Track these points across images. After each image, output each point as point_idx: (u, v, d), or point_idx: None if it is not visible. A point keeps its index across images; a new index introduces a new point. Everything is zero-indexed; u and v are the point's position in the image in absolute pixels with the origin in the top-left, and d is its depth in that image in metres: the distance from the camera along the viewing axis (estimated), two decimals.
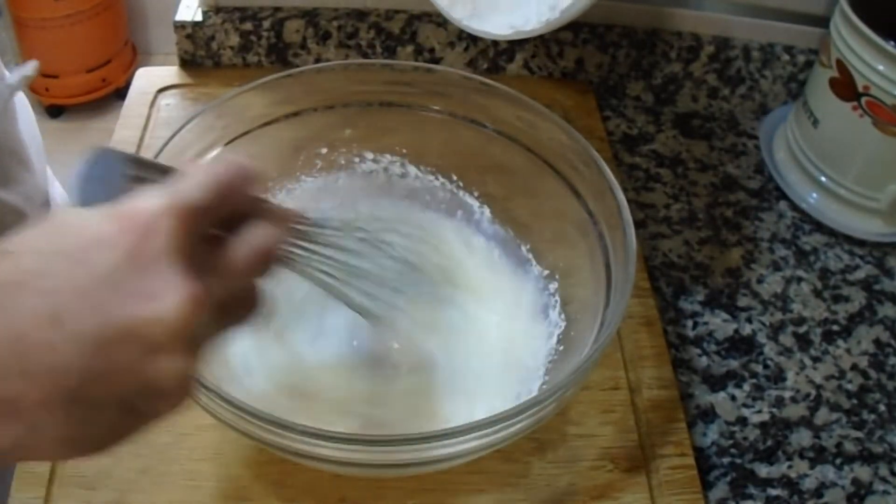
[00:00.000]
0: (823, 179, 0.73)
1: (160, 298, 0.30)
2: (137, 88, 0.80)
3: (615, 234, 0.53)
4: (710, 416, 0.60)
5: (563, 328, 0.58)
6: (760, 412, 0.61)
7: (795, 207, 0.75)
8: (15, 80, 0.71)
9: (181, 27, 0.81)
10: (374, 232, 0.50)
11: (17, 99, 0.74)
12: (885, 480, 0.58)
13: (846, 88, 0.68)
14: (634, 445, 0.57)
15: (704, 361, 0.63)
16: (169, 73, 0.82)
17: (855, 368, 0.64)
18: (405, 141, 0.66)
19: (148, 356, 0.30)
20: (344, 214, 0.65)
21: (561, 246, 0.61)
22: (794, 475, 0.58)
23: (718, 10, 0.81)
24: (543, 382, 0.55)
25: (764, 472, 0.58)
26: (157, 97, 0.79)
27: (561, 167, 0.59)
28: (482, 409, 0.55)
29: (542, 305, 0.61)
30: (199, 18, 0.80)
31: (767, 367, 0.64)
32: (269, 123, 0.61)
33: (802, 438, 0.60)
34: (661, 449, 0.57)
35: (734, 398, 0.61)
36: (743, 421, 0.60)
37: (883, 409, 0.62)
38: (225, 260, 0.34)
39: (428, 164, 0.67)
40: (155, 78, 0.81)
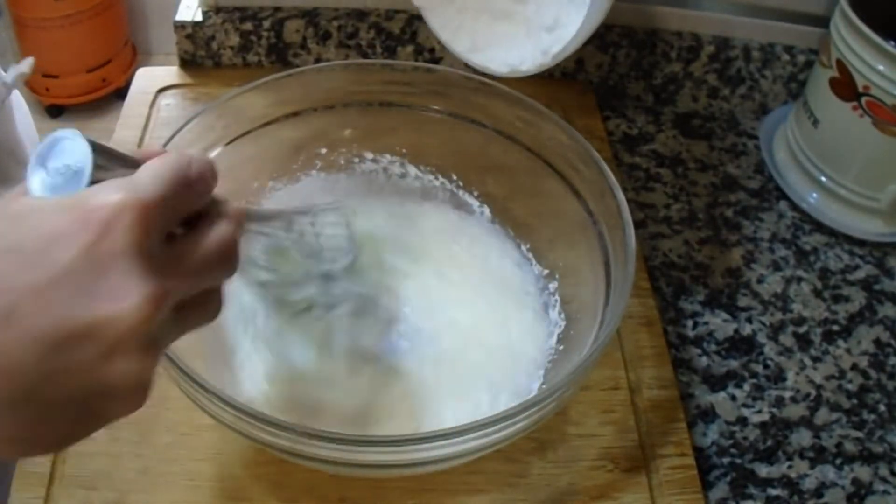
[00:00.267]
0: (823, 179, 0.73)
1: (117, 298, 0.29)
2: (137, 88, 0.80)
3: (615, 233, 0.53)
4: (710, 416, 0.60)
5: (562, 328, 0.58)
6: (760, 412, 0.61)
7: (795, 207, 0.75)
8: (12, 77, 0.71)
9: (181, 27, 0.81)
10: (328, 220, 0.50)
11: (13, 97, 0.74)
12: (885, 480, 0.58)
13: (846, 88, 0.68)
14: (634, 445, 0.57)
15: (704, 361, 0.63)
16: (169, 73, 0.82)
17: (855, 368, 0.64)
18: (405, 141, 0.66)
19: (104, 357, 0.29)
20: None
21: (561, 246, 0.61)
22: (794, 475, 0.58)
23: (718, 10, 0.81)
24: (543, 382, 0.55)
25: (764, 472, 0.58)
26: (157, 97, 0.79)
27: (561, 167, 0.59)
28: (482, 409, 0.55)
29: (542, 305, 0.61)
30: (199, 18, 0.80)
31: (767, 367, 0.64)
32: (269, 123, 0.61)
33: (802, 438, 0.60)
34: (661, 449, 0.57)
35: (734, 398, 0.61)
36: (743, 421, 0.60)
37: (883, 409, 0.62)
38: (184, 258, 0.33)
39: (428, 164, 0.67)
40: (155, 78, 0.81)
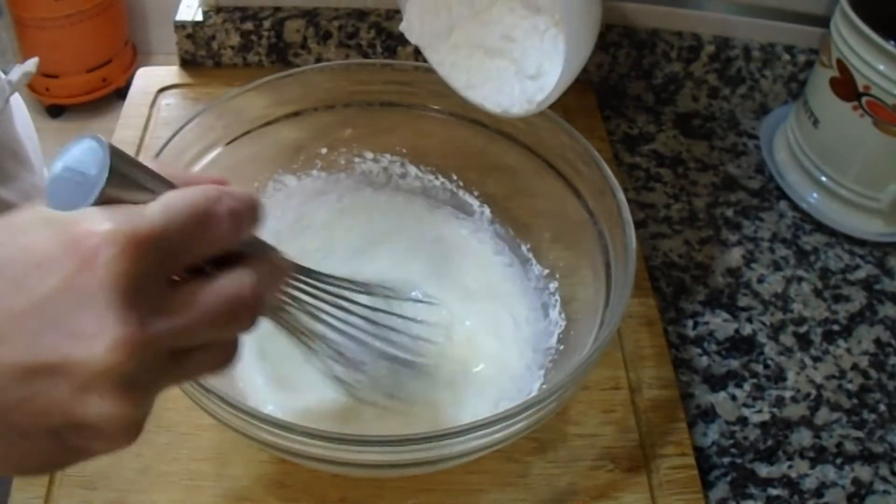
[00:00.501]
0: (824, 179, 0.73)
1: (89, 339, 0.28)
2: (138, 88, 0.80)
3: (615, 233, 0.53)
4: (710, 415, 0.60)
5: (563, 327, 0.58)
6: (761, 412, 0.61)
7: (796, 207, 0.75)
8: (17, 76, 0.71)
9: (182, 27, 0.81)
10: (369, 295, 0.49)
11: (12, 98, 0.74)
12: (885, 480, 0.58)
13: (847, 88, 0.68)
14: (635, 445, 0.57)
15: (705, 361, 0.63)
16: (169, 72, 0.82)
17: (855, 368, 0.64)
18: (405, 141, 0.66)
19: (76, 393, 0.28)
20: (338, 242, 0.64)
21: (561, 245, 0.61)
22: (794, 475, 0.58)
23: (719, 9, 0.81)
24: (543, 382, 0.55)
25: (764, 471, 0.58)
26: (157, 97, 0.79)
27: (561, 167, 0.59)
28: (482, 409, 0.55)
29: (542, 305, 0.61)
30: (199, 18, 0.80)
31: (768, 366, 0.64)
32: (269, 123, 0.61)
33: (803, 438, 0.59)
34: (661, 449, 0.56)
35: (735, 398, 0.61)
36: (743, 421, 0.60)
37: (883, 408, 0.62)
38: (185, 305, 0.31)
39: (428, 163, 0.67)
40: (155, 78, 0.81)
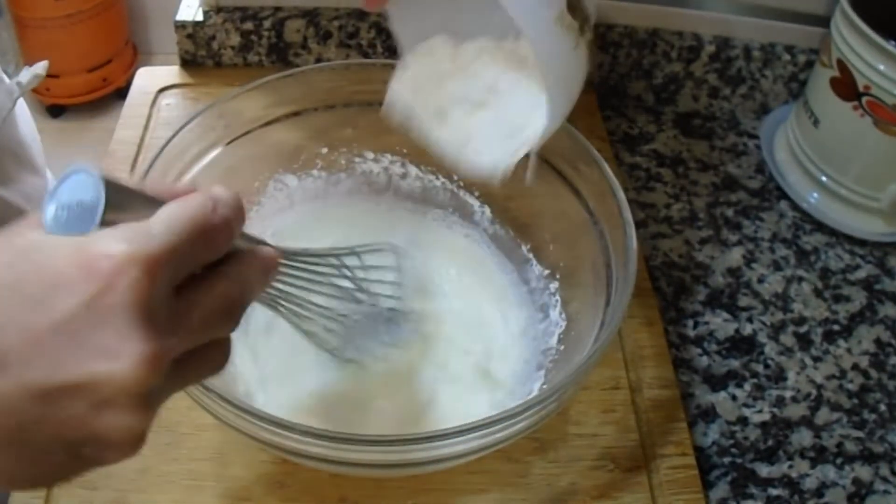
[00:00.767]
0: (824, 179, 0.73)
1: (114, 356, 0.28)
2: (138, 88, 0.80)
3: (616, 233, 0.53)
4: (710, 415, 0.60)
5: (563, 328, 0.58)
6: (761, 412, 0.61)
7: (796, 207, 0.75)
8: (26, 78, 0.71)
9: (182, 27, 0.81)
10: (354, 265, 0.49)
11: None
12: (885, 480, 0.58)
13: (847, 88, 0.68)
14: (635, 445, 0.57)
15: (705, 361, 0.63)
16: (170, 72, 0.82)
17: (856, 368, 0.64)
18: (406, 140, 0.66)
19: (95, 410, 0.29)
20: (329, 241, 0.64)
21: (561, 246, 0.61)
22: (794, 475, 0.58)
23: (719, 9, 0.81)
24: (544, 382, 0.55)
25: (765, 471, 0.58)
26: (157, 97, 0.79)
27: (561, 167, 0.59)
28: (482, 409, 0.55)
29: (542, 305, 0.61)
30: (199, 18, 0.80)
31: (768, 366, 0.64)
32: (269, 123, 0.61)
33: (803, 438, 0.59)
34: (661, 449, 0.56)
35: (735, 398, 0.61)
36: (744, 421, 0.60)
37: (884, 408, 0.62)
38: (186, 315, 0.32)
39: (428, 163, 0.66)
40: (156, 78, 0.81)
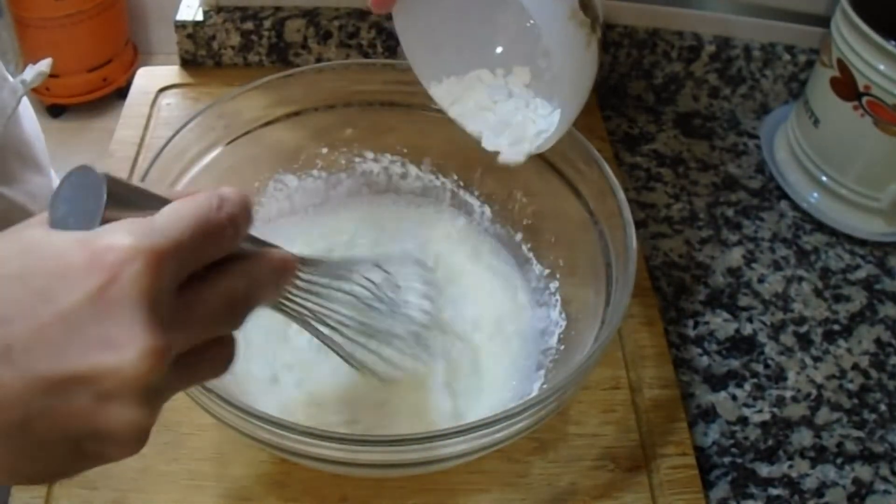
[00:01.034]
0: (824, 179, 0.73)
1: (119, 349, 0.28)
2: (138, 88, 0.80)
3: (616, 233, 0.53)
4: (710, 415, 0.60)
5: (563, 327, 0.58)
6: (761, 412, 0.61)
7: (796, 207, 0.75)
8: (31, 76, 0.71)
9: (182, 27, 0.81)
10: (366, 272, 0.49)
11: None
12: (885, 480, 0.58)
13: (847, 88, 0.68)
14: (635, 445, 0.57)
15: (705, 361, 0.63)
16: (170, 72, 0.82)
17: (856, 368, 0.64)
18: (406, 140, 0.66)
19: (99, 403, 0.29)
20: (338, 248, 0.63)
21: (561, 245, 0.61)
22: (794, 475, 0.58)
23: (719, 9, 0.81)
24: (544, 382, 0.55)
25: (765, 471, 0.58)
26: (157, 97, 0.79)
27: (562, 167, 0.59)
28: (482, 409, 0.55)
29: (542, 305, 0.61)
30: (199, 18, 0.80)
31: (768, 366, 0.64)
32: (269, 123, 0.61)
33: (803, 438, 0.59)
34: (661, 448, 0.56)
35: (735, 398, 0.61)
36: (744, 420, 0.60)
37: (884, 408, 0.62)
38: (191, 310, 0.32)
39: (428, 163, 0.67)
40: (156, 77, 0.81)
